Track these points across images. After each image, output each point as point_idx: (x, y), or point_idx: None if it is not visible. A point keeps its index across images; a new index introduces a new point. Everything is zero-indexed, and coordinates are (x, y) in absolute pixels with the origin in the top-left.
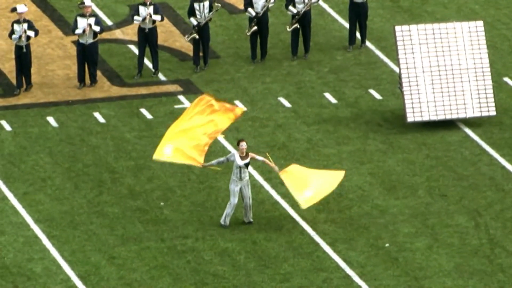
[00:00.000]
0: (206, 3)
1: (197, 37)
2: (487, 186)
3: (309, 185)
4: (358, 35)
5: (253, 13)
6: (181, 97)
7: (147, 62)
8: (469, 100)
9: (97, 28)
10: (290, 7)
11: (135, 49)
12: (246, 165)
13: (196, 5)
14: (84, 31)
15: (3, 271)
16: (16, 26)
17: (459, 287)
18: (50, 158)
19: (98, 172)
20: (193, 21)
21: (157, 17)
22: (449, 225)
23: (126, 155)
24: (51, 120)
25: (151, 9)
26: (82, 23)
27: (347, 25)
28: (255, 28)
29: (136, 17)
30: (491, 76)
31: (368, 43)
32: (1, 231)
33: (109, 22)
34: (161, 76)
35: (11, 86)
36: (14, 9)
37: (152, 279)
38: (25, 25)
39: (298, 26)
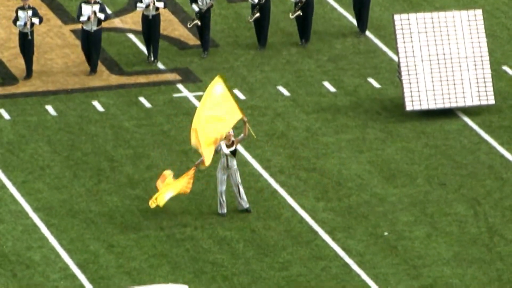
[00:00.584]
0: None
1: (199, 23)
2: (486, 175)
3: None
4: (355, 23)
5: (256, 0)
6: (180, 86)
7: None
8: (468, 88)
9: (101, 16)
10: None
11: (134, 38)
12: (233, 153)
13: None
14: (88, 18)
15: (2, 259)
16: (20, 13)
17: (458, 276)
18: (49, 147)
19: (97, 160)
20: (195, 7)
21: (160, 4)
22: (448, 213)
23: (125, 144)
24: (50, 108)
25: None
26: (86, 10)
27: (346, 13)
28: (257, 15)
29: (139, 4)
30: (490, 64)
31: (367, 32)
32: (0, 219)
33: (108, 11)
34: (160, 65)
35: (10, 75)
36: None
37: (151, 268)
38: (30, 12)
39: (301, 14)
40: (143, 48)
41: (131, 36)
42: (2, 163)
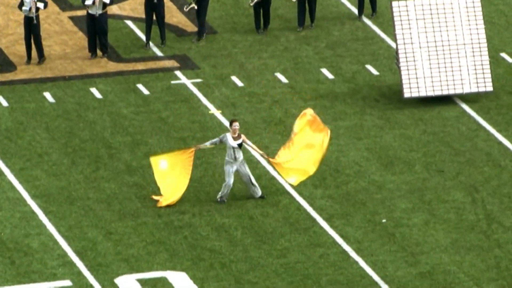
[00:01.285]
0: None
1: (196, 7)
2: (484, 162)
3: (297, 166)
4: (354, 9)
5: None
6: (178, 73)
7: (146, 36)
8: (466, 75)
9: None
10: None
11: (132, 25)
12: (239, 145)
13: None
14: (94, 2)
15: (0, 247)
16: None
17: (455, 263)
18: (47, 134)
19: (95, 147)
20: None
21: None
22: (446, 200)
23: (123, 131)
24: (48, 95)
25: None
26: None
27: (344, 0)
28: None
29: None
30: (488, 51)
31: (364, 19)
32: None
33: None
34: (158, 52)
35: (8, 62)
36: None
37: (149, 255)
38: None
39: None
40: (141, 35)
41: (129, 23)
42: (0, 150)
